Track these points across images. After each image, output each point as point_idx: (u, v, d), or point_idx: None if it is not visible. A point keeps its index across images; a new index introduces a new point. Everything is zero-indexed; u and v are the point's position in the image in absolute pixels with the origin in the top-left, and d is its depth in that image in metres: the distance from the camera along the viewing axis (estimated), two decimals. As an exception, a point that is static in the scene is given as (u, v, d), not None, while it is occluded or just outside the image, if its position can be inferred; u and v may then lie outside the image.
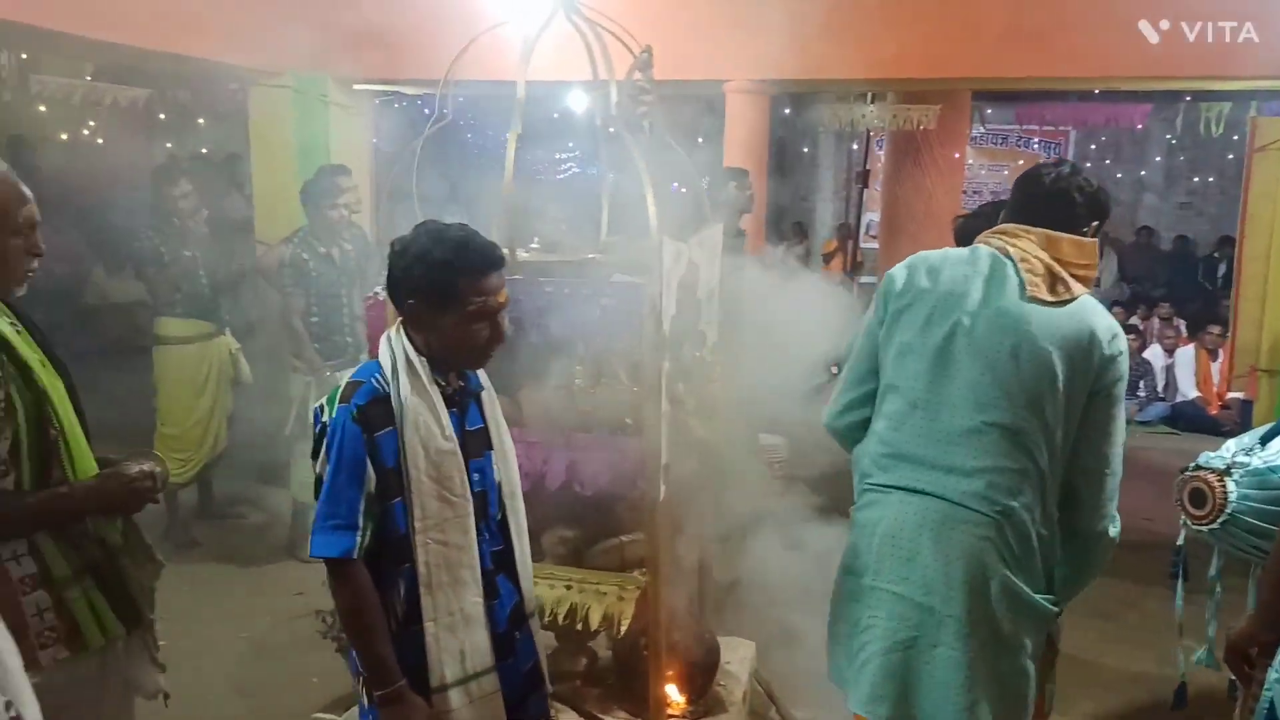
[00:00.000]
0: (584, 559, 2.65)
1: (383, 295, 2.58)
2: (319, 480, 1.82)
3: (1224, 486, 2.58)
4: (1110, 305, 7.18)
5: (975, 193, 13.50)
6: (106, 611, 1.83)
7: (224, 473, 5.17)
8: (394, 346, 1.87)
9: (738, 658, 3.08)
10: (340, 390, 1.85)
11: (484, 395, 2.03)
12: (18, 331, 1.80)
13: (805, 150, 15.19)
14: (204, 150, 9.13)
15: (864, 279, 9.00)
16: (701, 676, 2.78)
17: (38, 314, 1.91)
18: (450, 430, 1.88)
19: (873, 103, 7.56)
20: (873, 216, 11.01)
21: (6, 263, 1.77)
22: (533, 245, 2.85)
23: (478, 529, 1.91)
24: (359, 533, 1.78)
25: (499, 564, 1.99)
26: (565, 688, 2.76)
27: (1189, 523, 2.69)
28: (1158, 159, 14.28)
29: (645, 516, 2.48)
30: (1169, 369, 8.38)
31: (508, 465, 2.05)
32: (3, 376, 1.71)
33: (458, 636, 1.87)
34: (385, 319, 2.52)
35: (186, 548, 4.71)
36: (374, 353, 1.92)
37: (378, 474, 1.80)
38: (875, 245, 10.36)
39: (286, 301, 4.48)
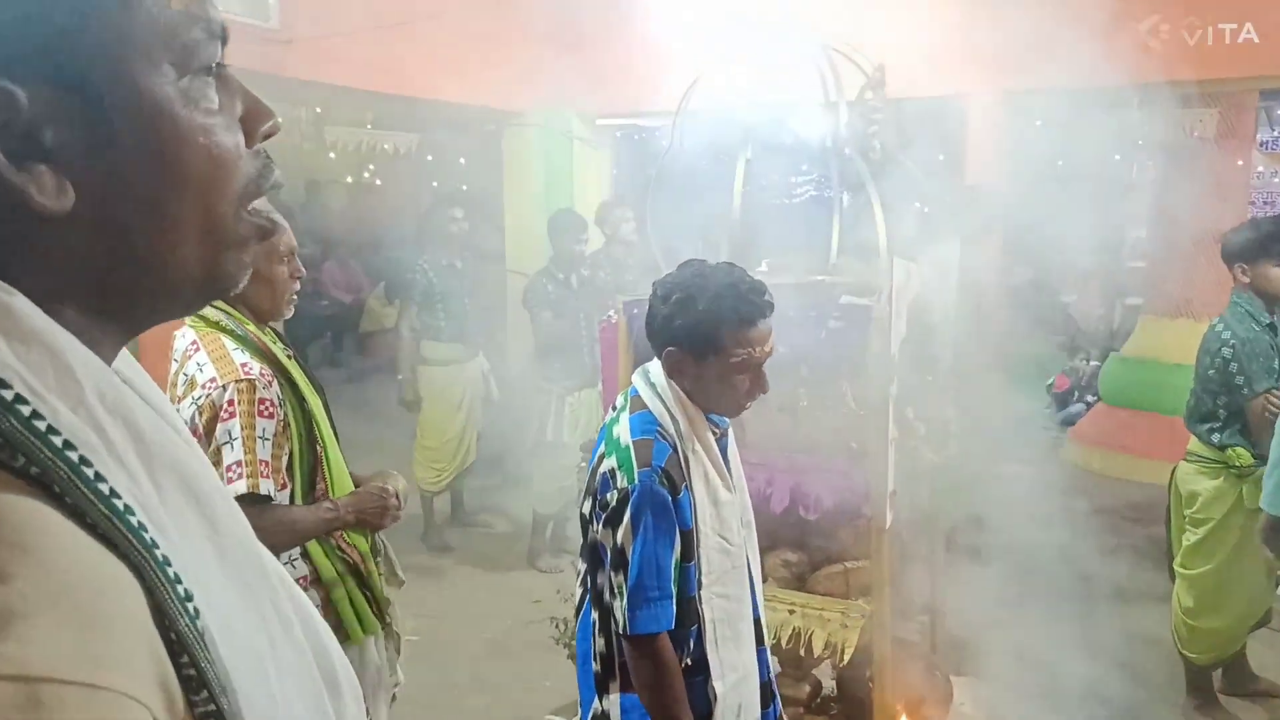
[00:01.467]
0: (807, 583, 2.62)
1: (615, 319, 2.69)
2: (615, 550, 1.70)
3: None
4: None
5: (1266, 204, 11.97)
6: (366, 610, 1.97)
7: (473, 483, 5.58)
8: (664, 396, 1.77)
9: (973, 699, 2.91)
10: (632, 452, 1.72)
11: (729, 431, 1.95)
12: (289, 356, 1.97)
13: (1059, 164, 14.18)
14: (464, 187, 9.94)
15: (1129, 300, 8.25)
16: (932, 714, 2.65)
17: (325, 339, 2.13)
18: (729, 479, 1.81)
19: (1138, 108, 6.94)
20: (1137, 234, 10.06)
21: (275, 289, 1.94)
22: (760, 269, 2.87)
23: None
24: (673, 602, 1.69)
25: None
26: (788, 716, 2.72)
27: None
28: None
29: (871, 543, 2.42)
30: None
31: (744, 496, 1.96)
32: (283, 399, 1.87)
33: (739, 693, 1.81)
34: (616, 343, 2.64)
35: (440, 551, 5.09)
36: (607, 376, 1.95)
37: (681, 538, 1.71)
38: (1141, 264, 9.46)
39: (537, 326, 4.79)
